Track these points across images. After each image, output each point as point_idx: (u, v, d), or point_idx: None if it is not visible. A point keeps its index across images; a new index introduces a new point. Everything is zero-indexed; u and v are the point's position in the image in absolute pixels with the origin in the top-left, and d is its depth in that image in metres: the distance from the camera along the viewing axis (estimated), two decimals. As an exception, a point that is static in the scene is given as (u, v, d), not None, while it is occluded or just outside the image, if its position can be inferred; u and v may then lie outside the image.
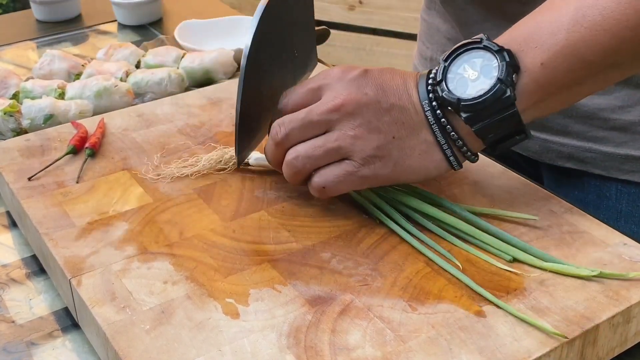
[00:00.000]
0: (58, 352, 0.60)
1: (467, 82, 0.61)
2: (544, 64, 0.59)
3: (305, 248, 0.63)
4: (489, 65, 0.61)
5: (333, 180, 0.63)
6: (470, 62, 0.62)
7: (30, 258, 0.70)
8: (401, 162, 0.62)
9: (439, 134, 0.62)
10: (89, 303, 0.57)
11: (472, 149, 0.63)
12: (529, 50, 0.60)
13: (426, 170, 0.63)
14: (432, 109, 0.62)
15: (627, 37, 0.58)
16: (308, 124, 0.63)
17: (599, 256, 0.61)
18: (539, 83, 0.60)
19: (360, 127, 0.61)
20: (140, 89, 0.96)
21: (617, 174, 0.81)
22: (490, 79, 0.60)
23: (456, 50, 0.62)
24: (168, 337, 0.54)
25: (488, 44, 0.61)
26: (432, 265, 0.61)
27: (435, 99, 0.62)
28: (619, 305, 0.56)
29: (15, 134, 0.87)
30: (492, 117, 0.60)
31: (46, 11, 1.27)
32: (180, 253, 0.63)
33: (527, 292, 0.58)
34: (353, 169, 0.62)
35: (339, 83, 0.63)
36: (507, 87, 0.59)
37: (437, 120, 0.62)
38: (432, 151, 0.63)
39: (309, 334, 0.54)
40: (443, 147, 0.62)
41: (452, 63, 0.62)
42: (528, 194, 0.69)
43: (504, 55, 0.60)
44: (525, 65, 0.60)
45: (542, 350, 0.53)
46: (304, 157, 0.63)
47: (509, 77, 0.59)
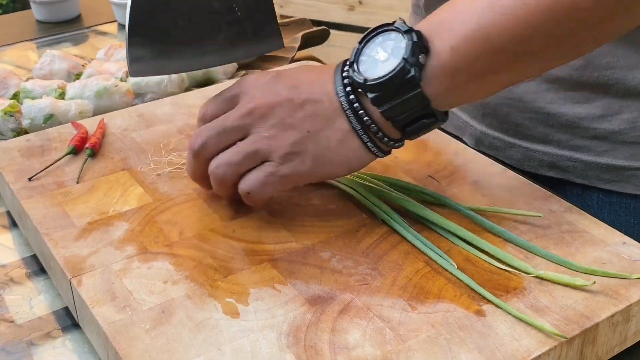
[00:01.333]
0: (58, 352, 0.60)
1: (378, 63, 0.60)
2: (453, 48, 0.58)
3: (305, 247, 0.63)
4: (399, 47, 0.59)
5: (256, 184, 0.63)
6: (383, 44, 0.61)
7: (30, 258, 0.70)
8: (320, 155, 0.62)
9: (353, 119, 0.61)
10: (89, 303, 0.57)
11: (388, 134, 0.62)
12: (442, 33, 0.59)
13: (347, 160, 0.63)
14: (345, 95, 0.61)
15: (536, 23, 0.56)
16: (223, 131, 0.63)
17: (598, 255, 0.61)
18: (448, 67, 0.59)
19: (274, 127, 0.62)
20: (140, 89, 0.96)
21: (598, 184, 0.81)
22: (397, 59, 0.59)
23: (371, 33, 0.62)
24: (168, 337, 0.54)
25: (399, 25, 0.60)
26: (432, 264, 0.61)
27: (349, 84, 0.61)
28: (619, 304, 0.56)
29: (16, 134, 0.87)
30: (396, 97, 0.59)
31: (46, 11, 1.27)
32: (180, 253, 0.63)
33: (526, 291, 0.58)
34: (273, 169, 0.62)
35: (253, 88, 0.64)
36: (411, 66, 0.58)
37: (350, 105, 0.61)
38: (349, 139, 0.62)
39: (309, 333, 0.54)
40: (359, 132, 0.61)
41: (366, 45, 0.62)
42: (528, 194, 0.69)
43: (412, 35, 0.59)
44: (436, 48, 0.59)
45: (542, 350, 0.53)
46: (224, 165, 0.63)
47: (415, 57, 0.58)
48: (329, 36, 1.16)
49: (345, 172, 0.64)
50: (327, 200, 0.69)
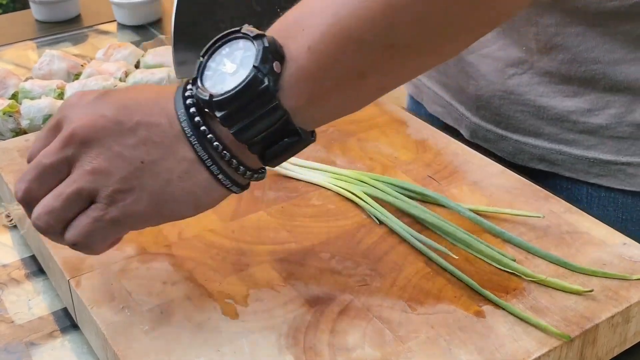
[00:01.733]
0: (57, 352, 0.60)
1: (226, 76, 0.51)
2: (310, 48, 0.49)
3: (304, 248, 0.63)
4: (248, 56, 0.50)
5: (81, 233, 0.51)
6: (230, 55, 0.51)
7: (30, 258, 0.70)
8: (159, 191, 0.51)
9: (199, 147, 0.51)
10: (88, 303, 0.57)
11: (244, 162, 0.52)
12: (296, 34, 0.50)
13: (193, 197, 0.52)
14: (188, 118, 0.51)
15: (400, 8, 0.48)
16: (42, 170, 0.51)
17: (599, 256, 0.61)
18: (308, 71, 0.50)
19: (98, 158, 0.50)
20: (140, 89, 0.96)
21: (586, 177, 0.81)
22: (247, 70, 0.50)
23: (215, 43, 0.52)
24: (167, 338, 0.54)
25: (246, 31, 0.51)
26: (432, 265, 0.61)
27: (193, 105, 0.51)
28: (619, 305, 0.56)
29: (15, 134, 0.87)
30: (250, 114, 0.49)
31: (46, 11, 1.27)
32: (180, 253, 0.63)
33: (526, 292, 0.58)
34: (99, 213, 0.51)
35: (73, 110, 0.52)
36: (264, 75, 0.49)
37: (196, 129, 0.51)
38: (195, 171, 0.51)
39: (308, 334, 0.54)
40: (206, 163, 0.51)
41: (211, 58, 0.52)
42: (527, 194, 0.69)
43: (263, 40, 0.50)
44: (291, 52, 0.50)
45: (542, 350, 0.53)
46: (44, 214, 0.51)
47: (267, 65, 0.49)
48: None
49: (192, 211, 0.53)
50: (327, 200, 0.69)
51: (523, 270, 0.59)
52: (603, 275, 0.59)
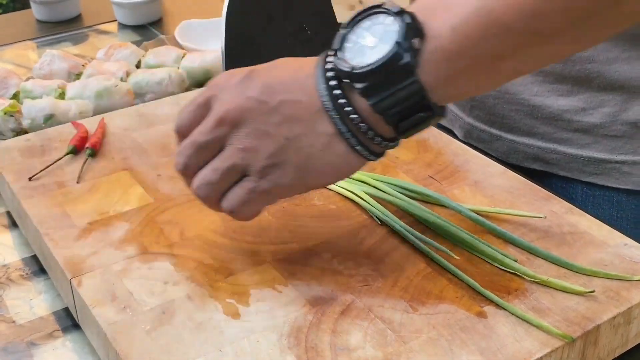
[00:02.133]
0: (58, 352, 0.59)
1: (365, 49, 0.53)
2: (454, 28, 0.50)
3: (306, 248, 0.63)
4: (389, 31, 0.52)
5: (237, 203, 0.57)
6: (371, 29, 0.53)
7: (31, 258, 0.70)
8: (302, 164, 0.55)
9: (338, 120, 0.54)
10: (90, 303, 0.57)
11: (380, 132, 0.54)
12: (439, 13, 0.51)
13: (334, 168, 0.56)
14: (329, 91, 0.53)
15: None
16: (198, 147, 0.57)
17: (600, 257, 0.61)
18: (449, 50, 0.51)
19: (247, 137, 0.55)
20: (141, 89, 0.96)
21: (580, 176, 0.82)
22: (388, 45, 0.52)
23: (357, 16, 0.54)
24: (169, 338, 0.54)
25: (389, 6, 0.53)
26: (433, 265, 0.61)
27: (332, 77, 0.53)
28: (620, 306, 0.56)
29: (16, 134, 0.87)
30: (389, 87, 0.52)
31: (46, 11, 1.27)
32: (181, 253, 0.62)
33: (528, 293, 0.58)
34: (252, 185, 0.56)
35: (223, 91, 0.57)
36: (405, 52, 0.51)
37: (335, 101, 0.53)
38: (335, 143, 0.54)
39: (310, 334, 0.54)
40: (345, 135, 0.54)
41: (351, 31, 0.54)
42: (529, 194, 0.69)
43: (405, 17, 0.51)
44: (434, 30, 0.51)
45: (543, 351, 0.53)
46: (204, 186, 0.57)
47: (408, 41, 0.51)
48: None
49: (334, 180, 0.57)
50: (328, 200, 0.69)
51: (525, 270, 0.59)
52: (604, 276, 0.59)
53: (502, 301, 0.56)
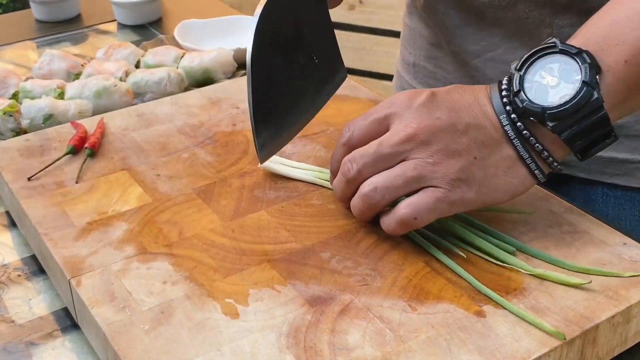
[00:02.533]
0: (58, 352, 0.60)
1: (547, 89, 0.59)
2: (628, 61, 0.58)
3: (304, 248, 0.63)
4: (568, 70, 0.58)
5: (424, 209, 0.59)
6: (546, 67, 0.59)
7: (30, 258, 0.70)
8: (486, 182, 0.60)
9: (521, 147, 0.60)
10: (89, 303, 0.57)
11: (557, 158, 0.61)
12: (610, 48, 0.58)
13: (512, 188, 0.61)
14: (511, 122, 0.59)
15: None
16: (380, 157, 0.60)
17: (599, 256, 0.61)
18: (624, 81, 0.58)
19: (438, 153, 0.59)
20: (140, 88, 0.96)
21: (602, 178, 0.81)
22: (572, 83, 0.58)
23: (530, 57, 0.60)
24: (167, 337, 0.54)
25: (564, 47, 0.59)
26: (432, 265, 0.61)
27: (514, 111, 0.59)
28: (619, 305, 0.56)
29: (15, 133, 0.87)
30: (580, 122, 0.58)
31: (46, 11, 1.27)
32: (180, 253, 0.63)
33: (526, 292, 0.58)
34: (442, 195, 0.59)
35: (407, 111, 0.61)
36: (593, 89, 0.57)
37: (519, 134, 0.59)
38: (516, 167, 0.60)
39: (309, 334, 0.54)
40: (527, 161, 0.60)
41: (527, 71, 0.60)
42: (528, 194, 0.69)
43: (584, 57, 0.58)
44: (608, 64, 0.58)
45: (542, 350, 0.53)
46: (382, 189, 0.60)
47: (594, 79, 0.57)
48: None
49: (509, 198, 0.62)
50: (327, 200, 0.69)
51: (521, 264, 0.60)
52: (596, 272, 0.59)
53: (500, 298, 0.56)
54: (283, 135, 0.70)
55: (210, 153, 0.77)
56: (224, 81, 0.98)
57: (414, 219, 0.60)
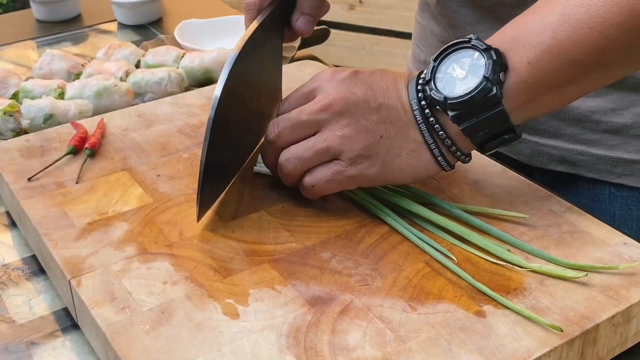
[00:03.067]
0: (58, 352, 0.60)
1: (456, 81, 0.61)
2: (530, 63, 0.59)
3: (305, 248, 0.63)
4: (477, 64, 0.61)
5: (322, 179, 0.64)
6: (459, 61, 0.62)
7: (30, 258, 0.70)
8: (389, 161, 0.63)
9: (427, 133, 0.62)
10: (89, 304, 0.57)
11: (461, 149, 0.63)
12: (517, 49, 0.60)
13: (415, 171, 0.64)
14: (420, 108, 0.62)
15: (613, 35, 0.57)
16: (298, 123, 0.64)
17: (599, 256, 0.61)
18: (526, 82, 0.60)
19: (348, 127, 0.62)
20: (140, 88, 0.96)
21: (609, 178, 0.81)
22: (477, 78, 0.60)
23: (446, 50, 0.63)
24: (168, 338, 0.54)
25: (476, 43, 0.61)
26: (432, 265, 0.61)
27: (424, 98, 0.62)
28: (619, 305, 0.56)
29: (15, 133, 0.87)
30: (478, 115, 0.60)
31: (46, 11, 1.27)
32: (180, 253, 0.63)
33: (527, 292, 0.58)
34: (341, 168, 0.63)
35: (329, 83, 0.64)
36: (493, 85, 0.59)
37: (425, 120, 0.62)
38: (421, 151, 0.63)
39: (309, 334, 0.54)
40: (431, 146, 0.63)
41: (442, 62, 0.62)
42: (528, 194, 0.69)
43: (491, 53, 0.60)
44: (513, 64, 0.60)
45: (542, 350, 0.53)
46: (295, 159, 0.64)
47: (496, 76, 0.59)
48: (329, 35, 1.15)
49: (411, 180, 0.65)
50: (327, 200, 0.69)
51: (517, 260, 0.60)
52: (591, 268, 0.59)
53: (501, 297, 0.56)
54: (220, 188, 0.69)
55: (211, 153, 0.77)
56: (224, 81, 0.98)
57: (312, 187, 0.65)
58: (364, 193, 0.68)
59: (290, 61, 1.05)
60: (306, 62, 0.98)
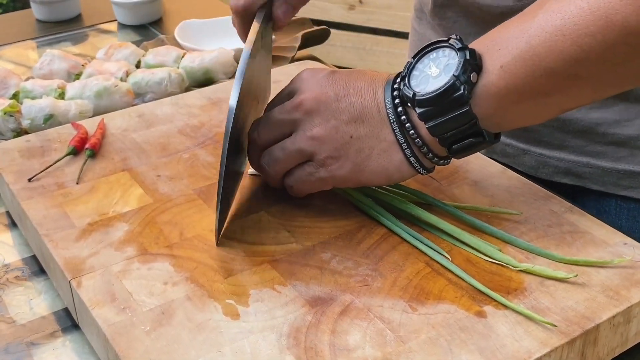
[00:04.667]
0: (58, 352, 0.60)
1: (429, 78, 0.60)
2: (503, 67, 0.58)
3: (305, 248, 0.63)
4: (451, 64, 0.59)
5: (297, 181, 0.65)
6: (436, 60, 0.61)
7: (31, 258, 0.70)
8: (359, 162, 0.62)
9: (398, 132, 0.61)
10: (89, 304, 0.57)
11: (433, 151, 0.62)
12: (493, 52, 0.59)
13: (386, 172, 0.63)
14: (393, 107, 0.61)
15: (586, 44, 0.55)
16: (273, 121, 0.65)
17: (600, 256, 0.61)
18: (497, 86, 0.58)
19: (318, 126, 0.62)
20: (141, 89, 0.96)
21: (615, 190, 0.80)
22: (447, 76, 0.59)
23: (425, 48, 0.62)
24: (168, 338, 0.54)
25: (454, 42, 0.60)
26: (433, 265, 0.61)
27: (398, 97, 0.61)
28: (620, 305, 0.56)
29: (16, 134, 0.87)
30: (445, 114, 0.59)
31: (46, 11, 1.27)
32: (181, 254, 0.63)
33: (527, 292, 0.58)
34: (312, 169, 0.64)
35: (306, 83, 0.65)
36: (461, 84, 0.58)
37: (397, 117, 0.61)
38: (392, 151, 0.62)
39: (309, 334, 0.54)
40: (402, 146, 0.62)
41: (419, 61, 0.62)
42: (528, 194, 0.69)
43: (465, 53, 0.58)
44: (487, 67, 0.59)
45: (543, 351, 0.53)
46: (271, 161, 0.65)
47: (465, 75, 0.58)
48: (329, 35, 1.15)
49: (384, 182, 0.64)
50: (328, 200, 0.69)
51: (507, 260, 0.60)
52: (584, 263, 0.59)
53: (501, 298, 0.56)
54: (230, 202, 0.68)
55: (211, 154, 0.77)
56: (225, 81, 0.98)
57: (291, 187, 0.66)
58: (360, 195, 0.68)
59: (291, 61, 1.05)
60: (306, 62, 0.98)
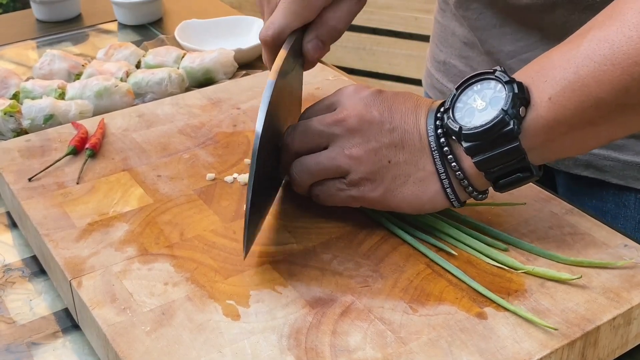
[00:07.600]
0: (59, 352, 0.60)
1: (474, 111, 0.59)
2: (551, 99, 0.56)
3: (305, 249, 0.63)
4: (498, 97, 0.58)
5: (325, 193, 0.64)
6: (481, 92, 0.59)
7: (31, 258, 0.70)
8: (393, 188, 0.61)
9: (439, 162, 0.60)
10: (90, 304, 0.57)
11: (474, 184, 0.60)
12: (539, 83, 0.57)
13: (419, 201, 0.61)
14: (436, 136, 0.60)
15: (636, 73, 0.54)
16: (310, 131, 0.64)
17: (600, 258, 0.61)
18: (546, 119, 0.57)
19: (357, 146, 0.61)
20: (141, 89, 0.96)
21: (635, 184, 0.79)
22: (496, 110, 0.57)
23: (469, 80, 0.61)
24: (168, 339, 0.54)
25: (500, 75, 0.59)
26: (433, 266, 0.61)
27: (441, 127, 0.60)
28: (620, 307, 0.56)
29: (16, 134, 0.87)
30: (493, 149, 0.57)
31: (46, 11, 1.26)
32: (181, 254, 0.63)
33: (527, 294, 0.58)
34: (344, 187, 0.63)
35: (350, 99, 0.63)
36: (510, 119, 0.56)
37: (439, 148, 0.60)
38: (429, 181, 0.61)
39: (310, 335, 0.54)
40: (441, 176, 0.60)
41: (463, 92, 0.60)
42: (529, 195, 0.69)
43: (513, 86, 0.57)
44: (534, 99, 0.57)
45: (543, 352, 0.53)
46: (304, 172, 0.64)
47: (515, 109, 0.57)
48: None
49: (414, 211, 0.62)
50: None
51: (511, 262, 0.60)
52: (589, 264, 0.59)
53: (501, 299, 0.56)
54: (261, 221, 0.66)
55: (211, 154, 0.77)
56: (225, 81, 0.98)
57: (317, 196, 0.65)
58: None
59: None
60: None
